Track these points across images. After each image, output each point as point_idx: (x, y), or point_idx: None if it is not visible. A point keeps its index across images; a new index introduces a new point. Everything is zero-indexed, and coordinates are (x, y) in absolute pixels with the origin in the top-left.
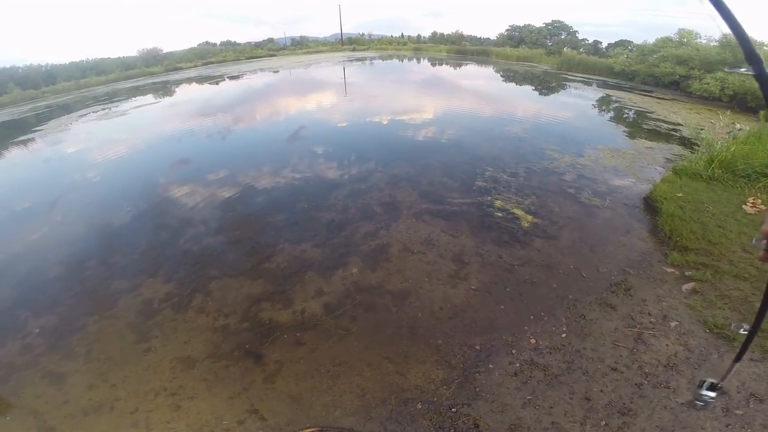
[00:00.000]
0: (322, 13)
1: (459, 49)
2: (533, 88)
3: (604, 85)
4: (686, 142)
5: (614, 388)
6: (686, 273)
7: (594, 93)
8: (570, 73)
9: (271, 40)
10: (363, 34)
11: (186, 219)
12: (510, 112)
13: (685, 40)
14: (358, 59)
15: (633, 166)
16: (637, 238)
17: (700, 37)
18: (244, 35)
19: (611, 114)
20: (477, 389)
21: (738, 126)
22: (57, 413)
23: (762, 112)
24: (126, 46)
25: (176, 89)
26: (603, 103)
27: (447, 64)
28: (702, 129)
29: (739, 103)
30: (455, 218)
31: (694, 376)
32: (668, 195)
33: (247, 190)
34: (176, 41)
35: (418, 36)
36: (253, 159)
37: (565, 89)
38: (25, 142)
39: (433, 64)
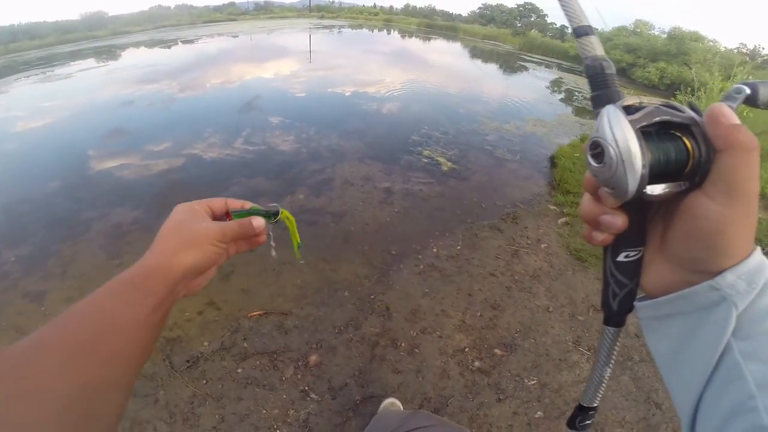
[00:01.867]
0: None
1: (429, 23)
2: (491, 65)
3: (558, 67)
4: None
5: (490, 289)
6: (564, 210)
7: (544, 73)
8: (530, 54)
9: (232, 4)
10: (333, 2)
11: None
12: (461, 86)
13: (639, 30)
14: (325, 27)
15: (550, 133)
16: (534, 184)
17: (653, 29)
18: None
19: (548, 91)
20: (390, 283)
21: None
22: (38, 326)
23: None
24: (66, 10)
25: (122, 53)
26: (541, 80)
27: (416, 37)
28: None
29: (673, 91)
30: (390, 161)
31: (551, 286)
32: (567, 154)
33: (189, 163)
34: (124, 4)
35: (391, 7)
36: (198, 130)
37: (519, 69)
38: None
39: (403, 37)
